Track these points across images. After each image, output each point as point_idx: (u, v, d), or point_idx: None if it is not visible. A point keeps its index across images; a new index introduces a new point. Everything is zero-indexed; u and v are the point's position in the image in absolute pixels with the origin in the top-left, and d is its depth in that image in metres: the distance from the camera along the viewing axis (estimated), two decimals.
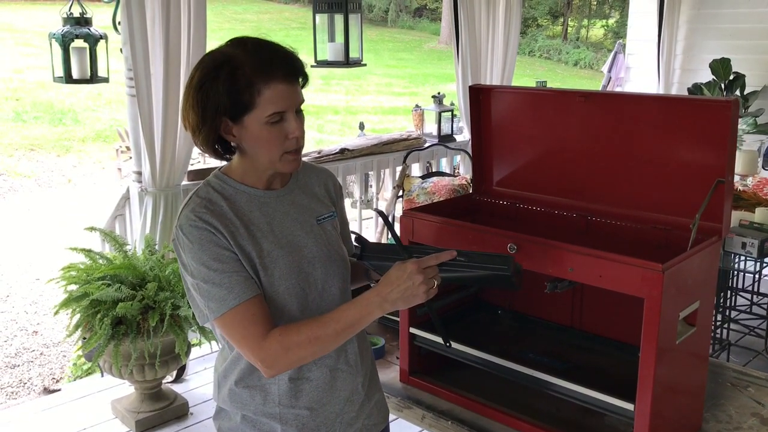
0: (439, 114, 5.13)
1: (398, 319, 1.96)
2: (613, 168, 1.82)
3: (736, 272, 3.99)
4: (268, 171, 1.46)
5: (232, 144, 1.45)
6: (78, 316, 2.92)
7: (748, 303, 4.25)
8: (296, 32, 19.74)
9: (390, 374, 1.96)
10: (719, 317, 3.77)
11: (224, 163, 1.52)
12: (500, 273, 1.42)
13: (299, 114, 1.42)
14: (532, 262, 1.60)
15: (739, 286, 4.16)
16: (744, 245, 3.14)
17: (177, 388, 3.46)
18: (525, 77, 16.24)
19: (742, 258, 3.66)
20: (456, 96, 5.21)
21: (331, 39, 3.72)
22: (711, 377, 1.86)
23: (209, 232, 1.38)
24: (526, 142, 1.99)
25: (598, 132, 1.84)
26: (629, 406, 1.53)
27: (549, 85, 6.31)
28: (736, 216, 3.33)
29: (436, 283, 1.37)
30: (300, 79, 1.42)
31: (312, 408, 1.49)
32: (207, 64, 1.38)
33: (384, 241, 4.57)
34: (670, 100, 2.12)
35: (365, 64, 3.89)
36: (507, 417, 1.73)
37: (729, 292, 3.98)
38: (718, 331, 3.77)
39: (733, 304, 4.08)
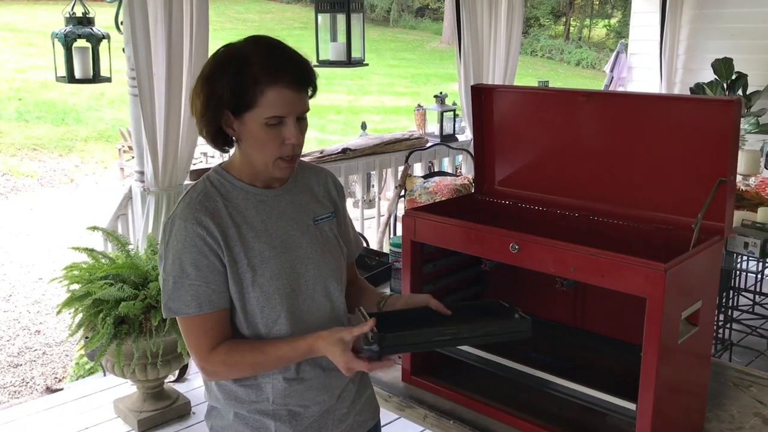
0: (441, 114, 5.13)
1: None
2: (616, 167, 1.82)
3: (738, 272, 3.98)
4: (263, 172, 1.46)
5: (232, 137, 1.46)
6: (80, 315, 2.93)
7: (751, 303, 4.25)
8: (298, 32, 19.74)
9: (392, 373, 1.96)
10: (721, 317, 3.77)
11: (223, 157, 1.53)
12: (521, 334, 1.50)
13: (302, 122, 1.43)
14: (534, 261, 1.60)
15: (742, 286, 4.15)
16: (746, 245, 3.14)
17: (179, 387, 3.46)
18: (527, 77, 16.22)
19: (745, 258, 3.66)
20: (458, 95, 5.21)
21: (333, 39, 3.72)
22: (713, 377, 1.85)
23: (198, 236, 1.39)
24: (529, 141, 1.99)
25: (601, 131, 1.84)
26: (631, 406, 1.53)
27: (551, 84, 6.31)
28: (739, 216, 3.33)
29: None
30: (308, 89, 1.42)
31: (305, 405, 1.49)
32: (219, 57, 1.40)
33: (386, 240, 4.57)
34: (672, 100, 2.11)
35: (367, 64, 3.89)
36: (509, 416, 1.73)
37: (731, 292, 3.97)
38: (720, 331, 3.76)
39: (735, 304, 4.07)
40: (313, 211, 1.55)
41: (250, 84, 1.36)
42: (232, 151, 1.53)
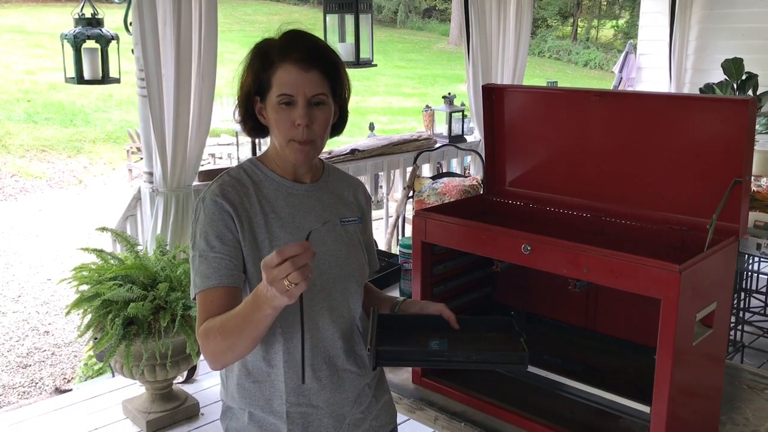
0: (450, 114, 5.12)
1: None
2: (628, 168, 1.80)
3: (750, 273, 3.96)
4: (287, 159, 1.49)
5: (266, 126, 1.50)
6: (89, 316, 2.93)
7: (762, 305, 4.22)
8: None
9: (402, 375, 1.95)
10: (733, 319, 3.74)
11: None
12: (517, 367, 1.58)
13: (317, 108, 1.43)
14: (546, 262, 1.58)
15: (753, 287, 4.12)
16: (759, 246, 3.12)
17: (188, 388, 3.46)
18: (535, 78, 16.21)
19: (757, 259, 3.63)
20: (466, 96, 5.19)
21: (342, 39, 3.72)
22: (727, 380, 1.83)
23: (226, 212, 1.42)
24: (540, 141, 1.98)
25: (613, 131, 1.82)
26: (645, 409, 1.52)
27: (560, 85, 6.29)
28: (751, 217, 3.31)
29: (296, 279, 1.19)
30: (321, 71, 1.43)
31: (319, 407, 1.48)
32: (252, 48, 1.48)
33: (394, 241, 4.56)
34: (686, 99, 2.09)
35: (375, 65, 3.89)
36: (520, 419, 1.71)
37: (743, 293, 3.95)
38: (732, 332, 3.74)
39: (747, 305, 4.05)
40: (340, 212, 1.56)
41: (267, 65, 1.42)
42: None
